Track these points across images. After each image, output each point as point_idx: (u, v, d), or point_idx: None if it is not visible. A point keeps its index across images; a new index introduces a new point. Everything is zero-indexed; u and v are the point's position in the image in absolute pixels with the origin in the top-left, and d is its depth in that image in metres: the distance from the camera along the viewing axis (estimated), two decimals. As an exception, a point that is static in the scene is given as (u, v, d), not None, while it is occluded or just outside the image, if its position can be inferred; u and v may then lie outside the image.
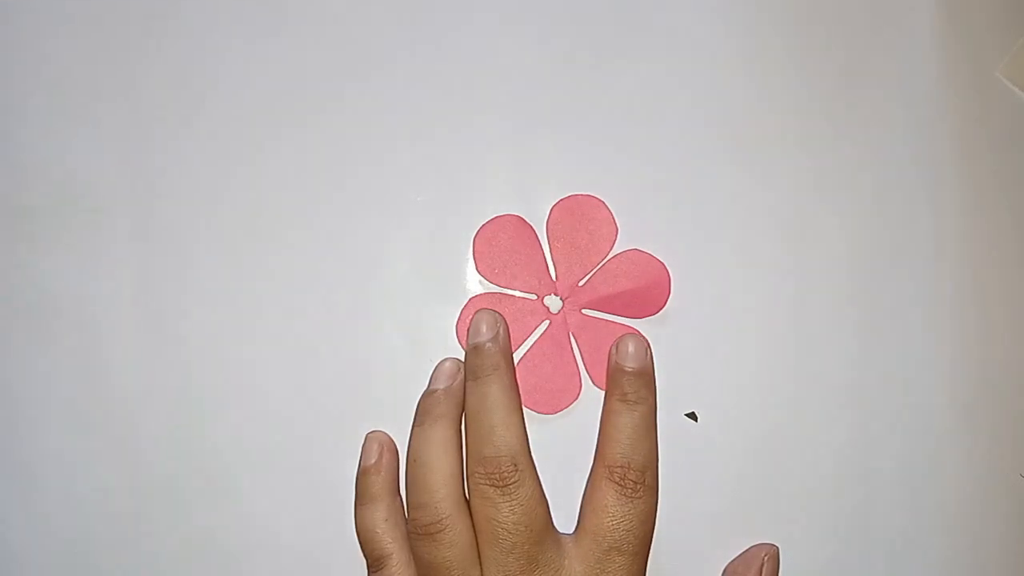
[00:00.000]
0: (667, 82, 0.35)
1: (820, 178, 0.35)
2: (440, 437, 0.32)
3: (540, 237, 0.35)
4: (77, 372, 0.35)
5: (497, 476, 0.31)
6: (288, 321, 0.35)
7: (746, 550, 0.34)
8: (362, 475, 0.33)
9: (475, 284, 0.35)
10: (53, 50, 0.35)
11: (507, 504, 0.31)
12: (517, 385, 0.33)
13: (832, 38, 0.36)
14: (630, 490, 0.31)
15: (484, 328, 0.33)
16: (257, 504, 0.34)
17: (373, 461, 0.33)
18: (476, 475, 0.31)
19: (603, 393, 0.34)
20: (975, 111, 0.36)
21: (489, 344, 0.33)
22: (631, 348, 0.33)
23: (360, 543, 0.33)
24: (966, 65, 0.36)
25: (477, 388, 0.32)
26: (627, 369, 0.33)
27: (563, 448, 0.34)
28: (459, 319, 0.34)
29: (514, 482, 0.31)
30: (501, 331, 0.33)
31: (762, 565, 0.33)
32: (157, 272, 0.35)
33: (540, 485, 0.32)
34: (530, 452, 0.32)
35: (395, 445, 0.34)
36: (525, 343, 0.34)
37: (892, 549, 0.35)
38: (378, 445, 0.33)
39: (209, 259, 0.35)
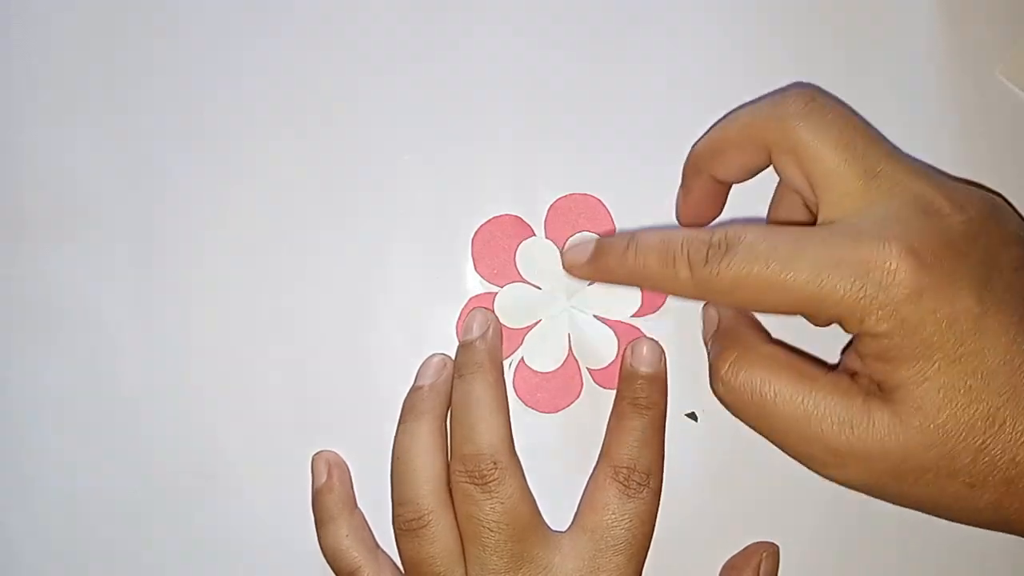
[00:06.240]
0: (665, 81, 0.35)
1: (820, 178, 0.35)
2: (424, 434, 0.32)
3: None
4: (77, 373, 0.35)
5: (477, 474, 0.31)
6: (288, 322, 0.35)
7: (745, 547, 0.34)
8: (316, 497, 0.34)
9: (475, 284, 0.35)
10: (55, 54, 0.36)
11: (488, 502, 0.31)
12: (503, 383, 0.33)
13: (832, 38, 0.36)
14: (633, 490, 0.32)
15: (475, 327, 0.33)
16: (257, 504, 0.35)
17: (323, 481, 0.33)
18: (457, 473, 0.32)
19: (601, 391, 0.34)
20: (975, 111, 0.36)
21: (477, 342, 0.33)
22: (646, 352, 0.33)
23: (329, 564, 0.33)
24: (966, 65, 0.36)
25: (461, 385, 0.33)
26: (641, 373, 0.33)
27: (564, 448, 0.34)
28: (459, 319, 0.34)
29: (494, 480, 0.31)
30: (491, 330, 0.33)
31: (760, 562, 0.33)
32: (158, 273, 0.35)
33: (524, 483, 0.32)
34: (513, 449, 0.32)
35: (343, 461, 0.34)
36: (526, 343, 0.34)
37: (891, 549, 0.35)
38: (324, 464, 0.34)
39: (209, 260, 0.35)
